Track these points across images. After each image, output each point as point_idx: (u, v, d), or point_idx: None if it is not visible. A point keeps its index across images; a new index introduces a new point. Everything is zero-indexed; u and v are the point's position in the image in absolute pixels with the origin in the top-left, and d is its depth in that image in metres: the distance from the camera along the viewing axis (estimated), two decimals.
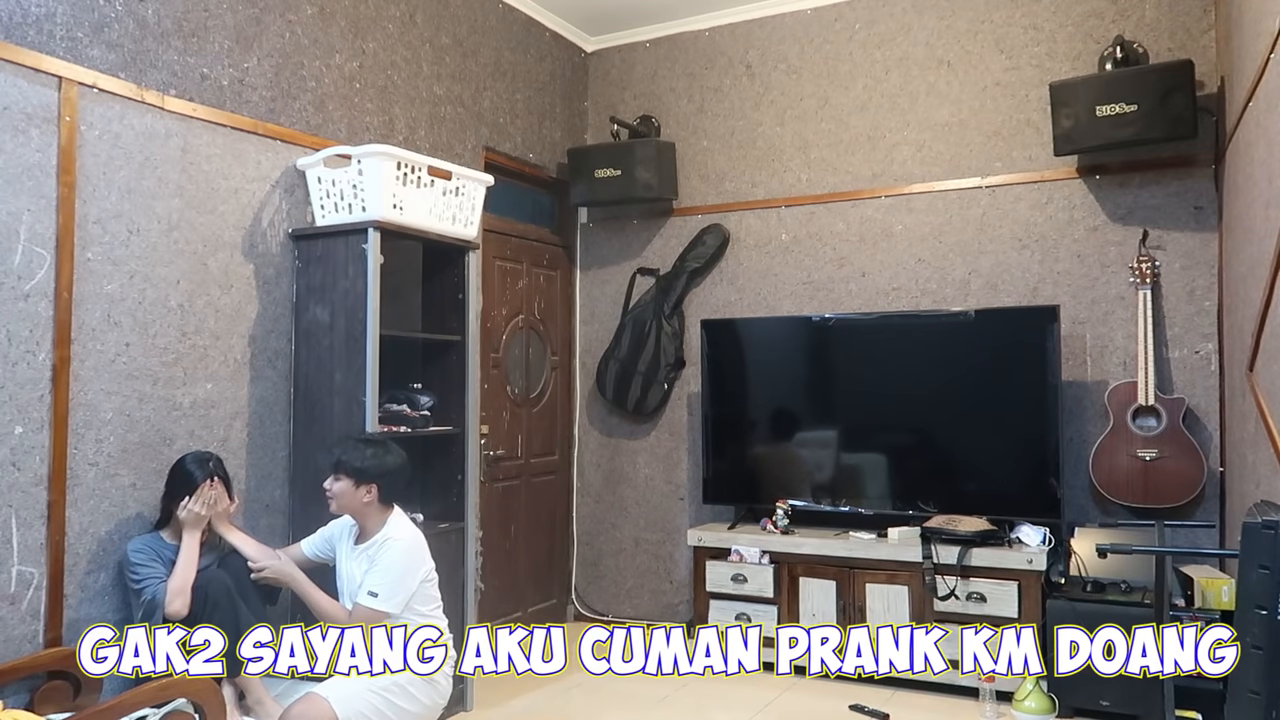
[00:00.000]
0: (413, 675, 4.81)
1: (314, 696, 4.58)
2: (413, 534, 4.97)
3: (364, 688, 4.69)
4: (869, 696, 6.40)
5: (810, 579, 6.91)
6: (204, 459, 4.94)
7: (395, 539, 4.86)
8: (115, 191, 4.89)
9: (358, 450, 4.90)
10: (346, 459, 4.88)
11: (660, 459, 8.29)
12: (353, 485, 4.87)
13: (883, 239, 7.56)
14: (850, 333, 7.30)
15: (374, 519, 4.95)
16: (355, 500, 4.89)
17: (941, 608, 6.48)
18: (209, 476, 4.89)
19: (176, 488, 4.86)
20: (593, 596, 8.54)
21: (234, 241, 5.45)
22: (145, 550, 4.76)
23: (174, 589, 4.62)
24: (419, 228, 5.74)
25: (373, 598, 4.74)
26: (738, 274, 8.04)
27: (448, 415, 6.14)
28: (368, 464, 4.86)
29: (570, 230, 8.67)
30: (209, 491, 4.85)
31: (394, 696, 4.74)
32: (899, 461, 7.14)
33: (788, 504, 7.24)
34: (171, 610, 4.58)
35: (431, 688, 4.90)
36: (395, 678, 4.77)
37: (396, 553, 4.83)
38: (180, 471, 4.90)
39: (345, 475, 4.87)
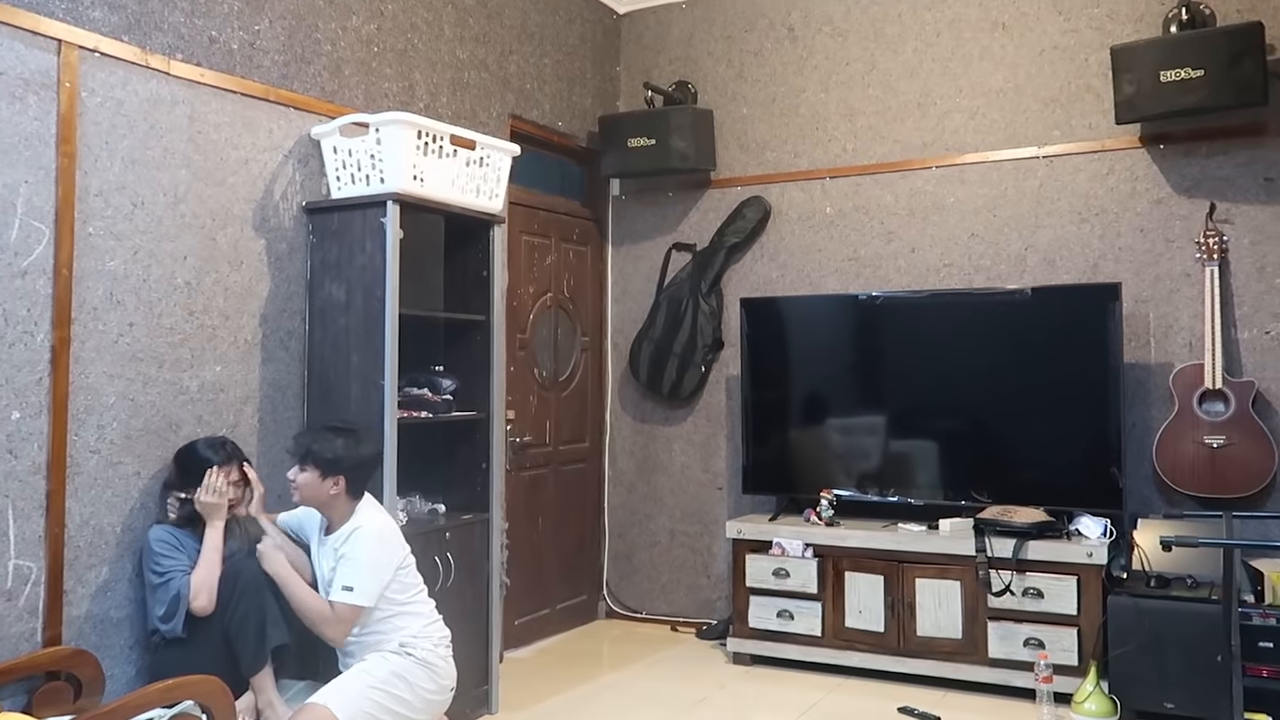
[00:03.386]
0: (409, 664, 4.80)
1: (313, 707, 4.55)
2: (381, 522, 4.93)
3: (364, 685, 4.68)
4: (920, 698, 6.40)
5: (856, 574, 6.90)
6: (220, 441, 4.96)
7: (363, 528, 4.83)
8: (118, 162, 4.84)
9: (328, 440, 4.87)
10: (317, 449, 4.84)
11: (697, 446, 8.28)
12: (319, 477, 4.84)
13: (933, 212, 7.56)
14: (899, 312, 7.28)
15: (341, 511, 4.91)
16: (321, 492, 4.86)
17: (996, 604, 6.47)
18: (230, 459, 4.89)
19: (194, 475, 4.85)
20: (625, 592, 8.55)
21: (244, 215, 5.42)
22: (169, 539, 4.75)
23: (198, 582, 4.63)
24: (441, 200, 5.72)
25: (348, 593, 4.72)
26: (779, 249, 8.03)
27: (471, 400, 6.11)
28: (339, 454, 4.84)
29: (601, 203, 8.67)
30: (217, 479, 4.82)
31: (395, 689, 4.73)
32: (950, 449, 7.13)
33: (832, 494, 7.23)
34: (197, 606, 4.60)
35: (432, 671, 4.87)
36: (393, 668, 4.76)
37: (366, 543, 4.79)
38: (194, 456, 4.88)
39: (312, 466, 4.84)
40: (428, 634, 4.91)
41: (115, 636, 4.77)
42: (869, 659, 6.82)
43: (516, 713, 6.17)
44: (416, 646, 4.84)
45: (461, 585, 5.83)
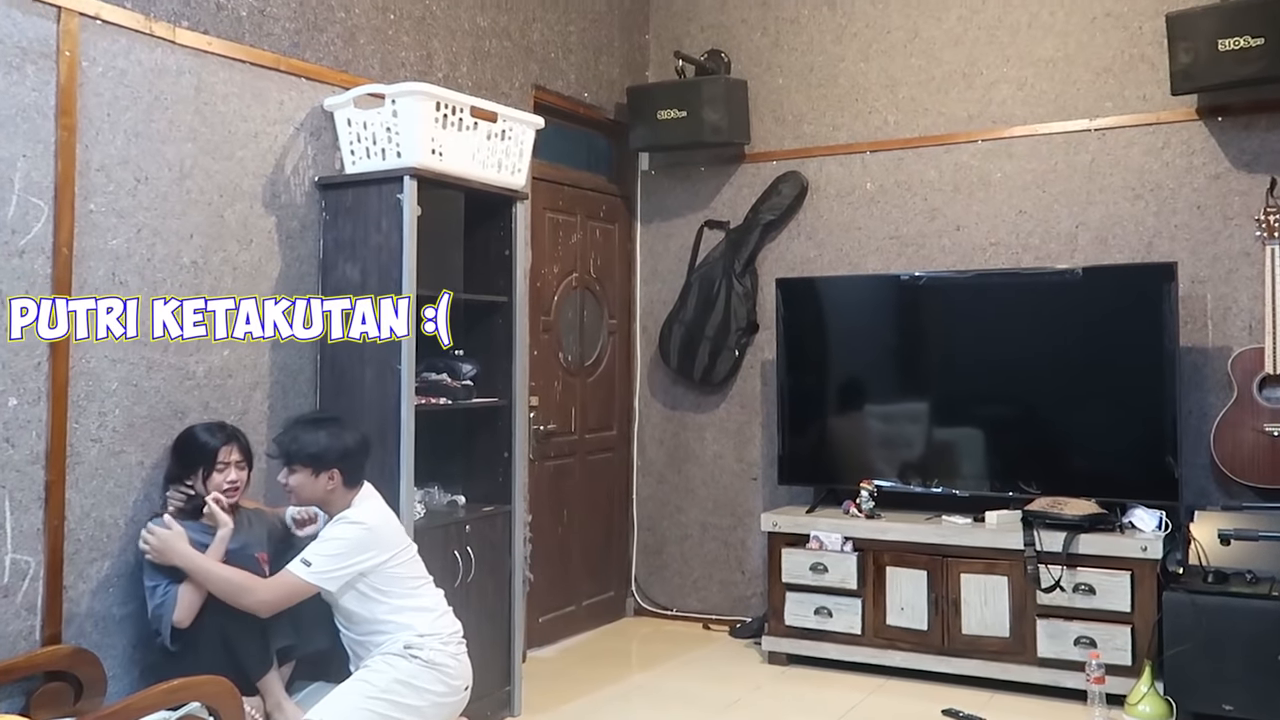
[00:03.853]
0: (414, 667, 4.74)
1: None
2: (376, 515, 4.85)
3: (364, 696, 4.63)
4: (965, 700, 6.37)
5: (898, 569, 6.88)
6: (218, 424, 4.91)
7: (349, 517, 4.77)
8: (121, 135, 4.82)
9: (309, 434, 4.82)
10: (298, 447, 4.79)
11: (730, 434, 8.25)
12: (311, 475, 4.78)
13: (979, 188, 7.53)
14: (943, 293, 7.27)
15: (340, 504, 4.85)
16: (317, 490, 4.81)
17: (1045, 600, 6.42)
18: (230, 440, 4.83)
19: (192, 462, 4.80)
20: (655, 588, 8.53)
21: (254, 191, 5.40)
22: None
23: (182, 596, 4.54)
24: (460, 176, 5.69)
25: (304, 566, 4.62)
26: (817, 227, 7.99)
27: (492, 385, 6.11)
28: (323, 447, 4.78)
29: (630, 178, 8.66)
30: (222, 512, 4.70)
31: (399, 697, 4.67)
32: (997, 437, 7.10)
33: (873, 485, 7.18)
34: (176, 619, 4.53)
35: (440, 673, 4.80)
36: (397, 674, 4.70)
37: (344, 528, 4.73)
38: (192, 441, 4.84)
39: (300, 465, 4.79)
40: (436, 630, 4.84)
41: (117, 635, 4.74)
42: (911, 659, 6.79)
43: (540, 715, 6.16)
44: (423, 647, 4.77)
45: (482, 581, 5.82)
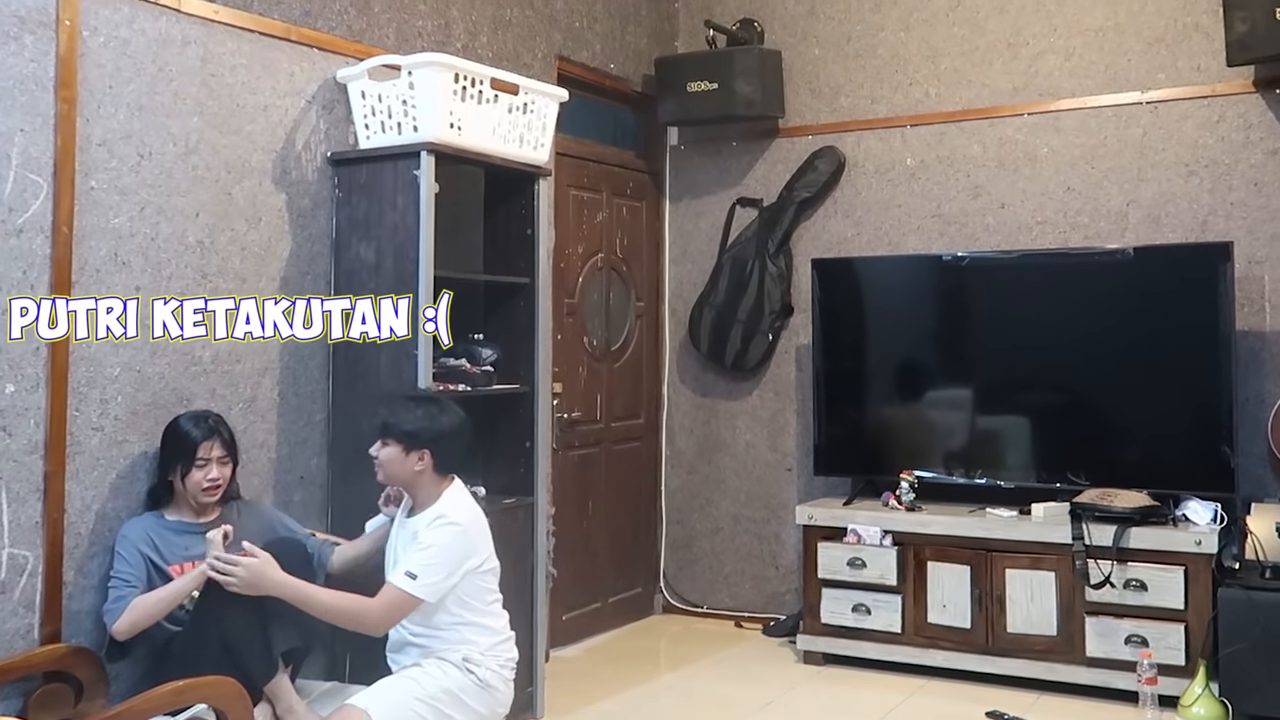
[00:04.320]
0: (467, 682, 4.75)
1: (351, 710, 4.50)
2: (470, 514, 4.89)
3: (411, 697, 4.62)
4: (1010, 701, 6.35)
5: (940, 564, 6.88)
6: (203, 415, 4.88)
7: (447, 517, 4.78)
8: (123, 108, 4.81)
9: (407, 410, 4.85)
10: (394, 421, 4.81)
11: (764, 423, 8.25)
12: (402, 451, 4.78)
13: (1025, 164, 7.52)
14: (987, 274, 7.27)
15: (427, 490, 4.86)
16: (405, 469, 4.80)
17: (1094, 597, 6.42)
18: (210, 434, 4.78)
19: (171, 456, 4.78)
20: (684, 585, 8.53)
21: (263, 167, 5.40)
22: (129, 538, 4.62)
23: (135, 607, 4.45)
24: (480, 151, 5.68)
25: (409, 579, 4.62)
26: (855, 205, 7.99)
27: (514, 371, 6.11)
28: (418, 426, 4.79)
29: (658, 154, 8.66)
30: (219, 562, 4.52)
31: (445, 706, 4.68)
32: (1044, 426, 7.12)
33: (913, 476, 7.18)
34: (117, 628, 4.44)
35: (489, 696, 4.83)
36: (449, 684, 4.71)
37: (446, 533, 4.74)
38: (176, 434, 4.81)
39: (393, 440, 4.80)
40: (496, 653, 4.86)
41: None
42: (954, 658, 6.79)
43: (563, 717, 6.17)
44: (481, 665, 4.78)
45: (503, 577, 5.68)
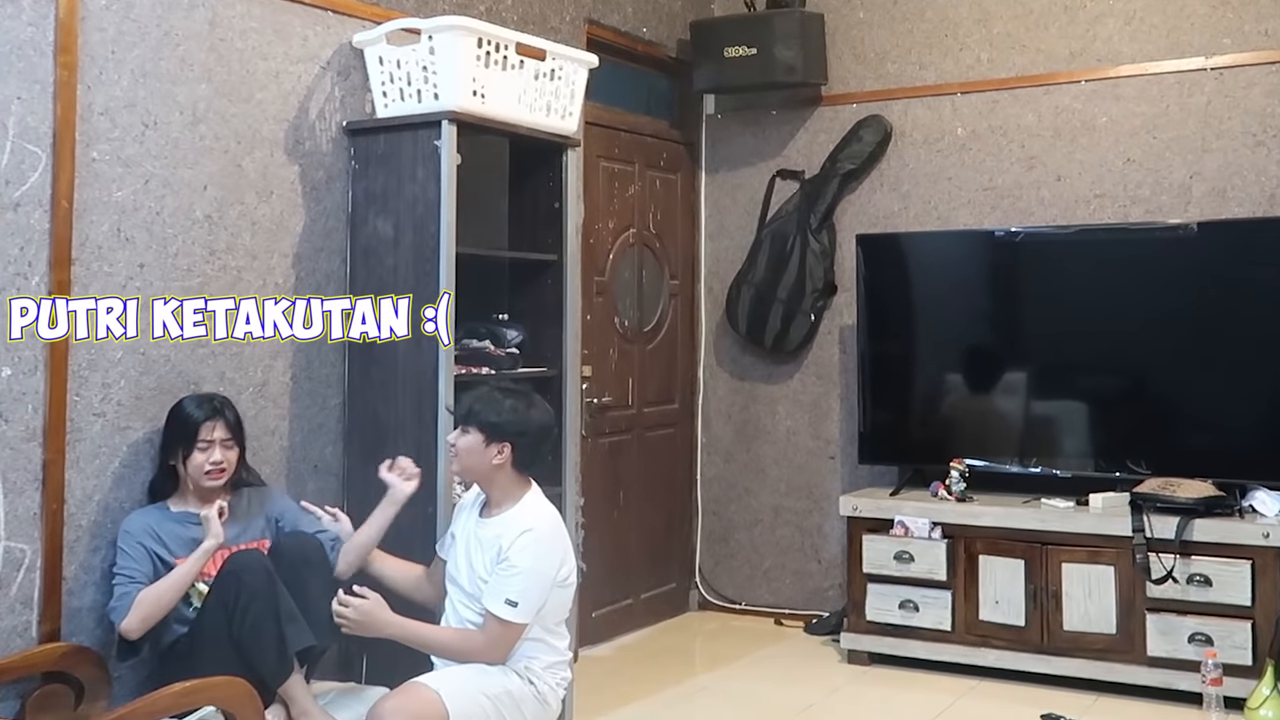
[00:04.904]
0: (526, 691, 4.78)
1: (419, 687, 4.54)
2: (553, 523, 4.91)
3: (476, 689, 4.64)
4: (1066, 704, 6.34)
5: (992, 557, 6.87)
6: (207, 396, 4.85)
7: (534, 531, 4.79)
8: (126, 75, 4.79)
9: (494, 400, 4.87)
10: (479, 409, 4.83)
11: (805, 408, 8.26)
12: (483, 442, 4.80)
13: (1082, 134, 7.51)
14: (1042, 251, 7.32)
15: (504, 488, 4.89)
16: (483, 460, 4.82)
17: (1156, 593, 6.40)
18: (214, 415, 4.75)
19: (172, 439, 4.75)
20: (721, 580, 8.55)
21: (274, 137, 5.39)
22: (133, 533, 4.59)
23: (142, 600, 4.43)
24: (505, 120, 5.65)
25: (511, 608, 4.66)
26: (902, 177, 8.00)
27: (540, 354, 6.09)
28: (505, 418, 4.81)
29: (693, 123, 8.67)
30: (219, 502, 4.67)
31: (504, 707, 4.69)
32: (1103, 411, 7.16)
33: (964, 464, 7.16)
34: (125, 626, 4.42)
35: (543, 710, 4.87)
36: (511, 687, 4.74)
37: (537, 552, 4.76)
38: (178, 416, 4.78)
39: (475, 428, 4.82)
40: (554, 671, 4.91)
41: None
42: (1007, 658, 6.79)
43: (593, 719, 6.18)
44: (541, 678, 4.83)
45: None
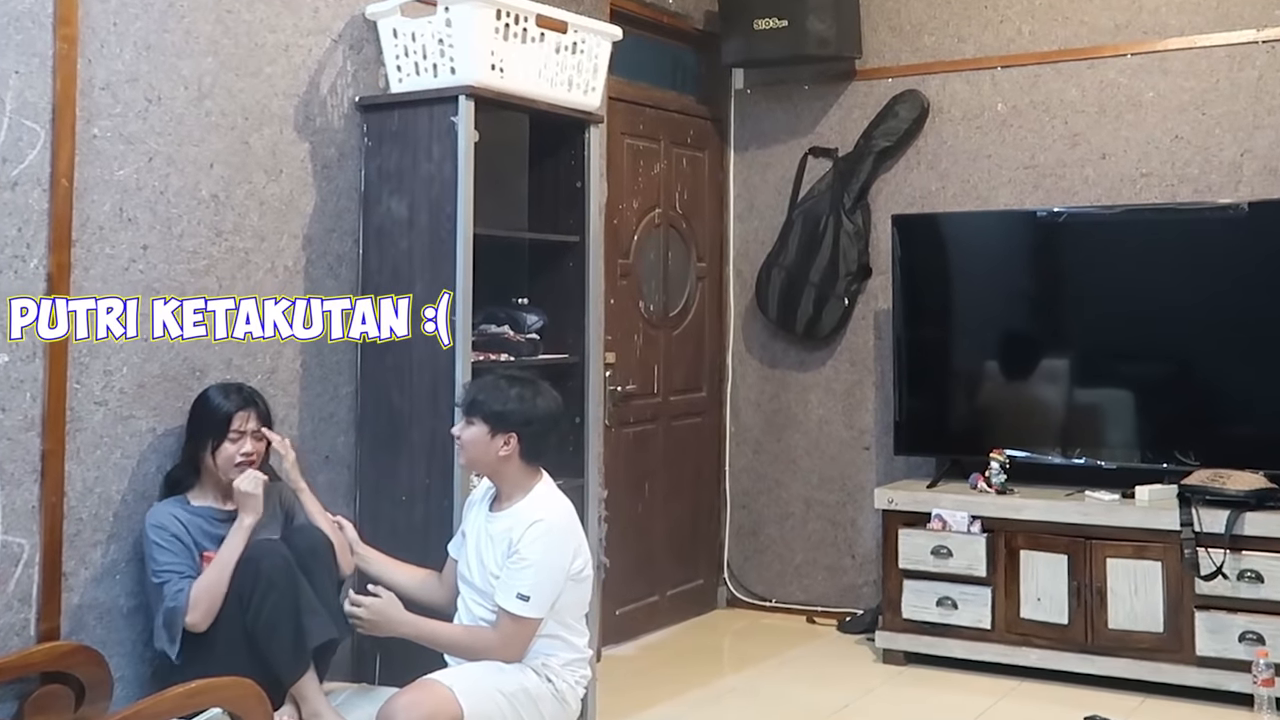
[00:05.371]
0: (544, 689, 4.77)
1: (433, 683, 4.53)
2: (564, 514, 4.91)
3: (492, 686, 4.63)
4: (1111, 705, 6.32)
5: (1034, 552, 6.87)
6: (234, 386, 4.85)
7: (544, 522, 4.77)
8: (129, 48, 4.75)
9: (498, 389, 4.84)
10: (483, 399, 4.81)
11: (839, 397, 8.27)
12: (487, 433, 4.78)
13: (1128, 110, 7.50)
14: (1086, 232, 7.32)
15: (514, 481, 4.87)
16: (489, 452, 4.80)
17: (1205, 590, 6.40)
18: (246, 404, 4.76)
19: (200, 429, 4.75)
20: (750, 576, 8.56)
21: (284, 113, 5.35)
22: (166, 527, 4.61)
23: (198, 593, 4.48)
24: (525, 95, 5.63)
25: (523, 602, 4.67)
26: (940, 155, 7.99)
27: (562, 339, 6.07)
28: (510, 407, 4.79)
29: (722, 99, 8.68)
30: (254, 471, 4.70)
31: (521, 706, 4.68)
32: (1149, 399, 7.16)
33: (1004, 455, 7.14)
34: (191, 621, 4.46)
35: (562, 709, 4.85)
36: (527, 684, 4.73)
37: (547, 544, 4.75)
38: (206, 407, 4.77)
39: (479, 419, 4.79)
40: (572, 669, 4.90)
41: (125, 629, 4.70)
42: (1049, 657, 6.79)
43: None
44: (560, 676, 4.83)
45: None
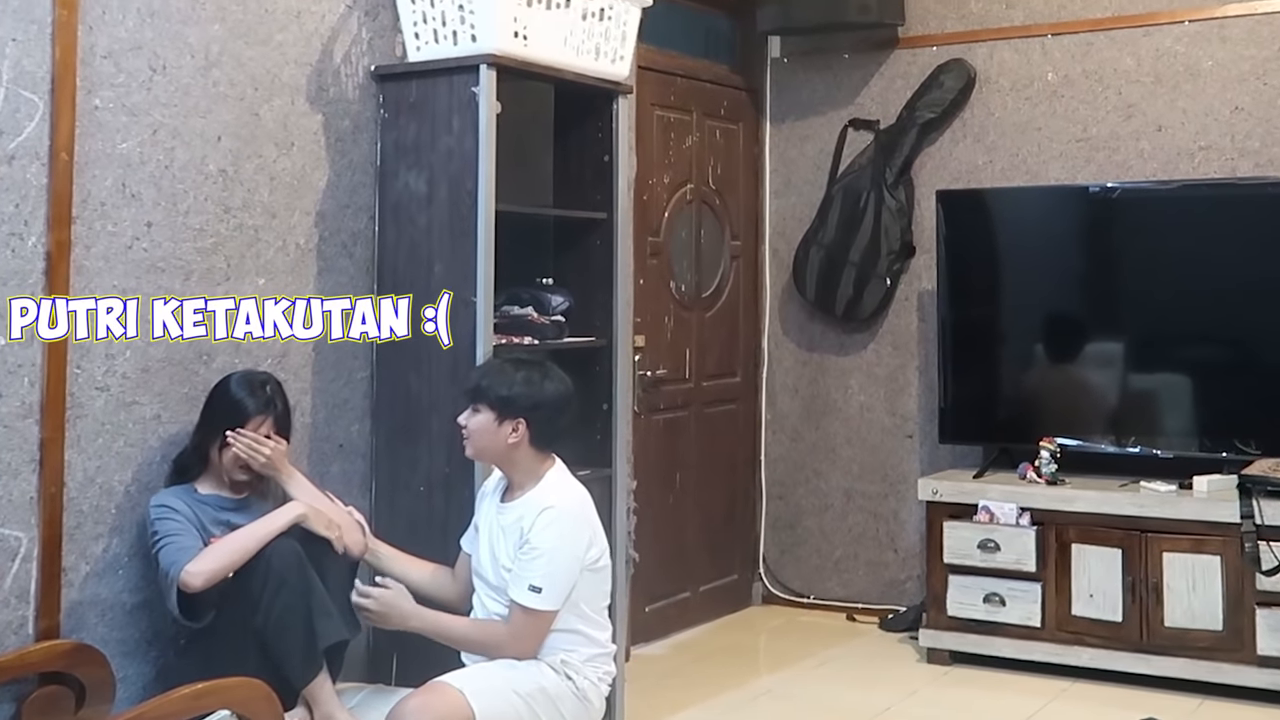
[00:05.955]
0: (564, 688, 4.74)
1: (443, 687, 4.50)
2: (578, 501, 4.88)
3: (507, 687, 4.59)
4: (1168, 707, 6.32)
5: (1086, 546, 6.84)
6: (259, 381, 4.80)
7: (555, 509, 4.75)
8: (132, 14, 4.72)
9: (504, 373, 4.80)
10: (488, 384, 4.77)
11: (880, 382, 8.26)
12: (494, 420, 4.74)
13: (1185, 80, 7.47)
14: (1141, 208, 7.33)
15: (524, 469, 4.84)
16: (497, 440, 4.76)
17: (1267, 585, 6.36)
18: (265, 408, 4.72)
19: (214, 420, 4.71)
20: (788, 571, 8.55)
21: (296, 83, 5.34)
22: (173, 507, 4.58)
23: (203, 561, 4.41)
24: (549, 64, 5.59)
25: (534, 594, 4.64)
26: (987, 128, 7.96)
27: (589, 322, 6.05)
28: (517, 391, 4.74)
29: (757, 68, 8.67)
30: (244, 439, 4.68)
31: (539, 707, 4.65)
32: (1208, 385, 7.14)
33: (1055, 444, 7.12)
34: (192, 571, 4.36)
35: (584, 708, 4.82)
36: (545, 684, 4.69)
37: (559, 532, 4.71)
38: (224, 399, 4.73)
39: (485, 406, 4.75)
40: (595, 664, 4.87)
41: (128, 627, 4.69)
42: (1102, 656, 6.76)
43: None
44: (580, 674, 4.79)
45: None
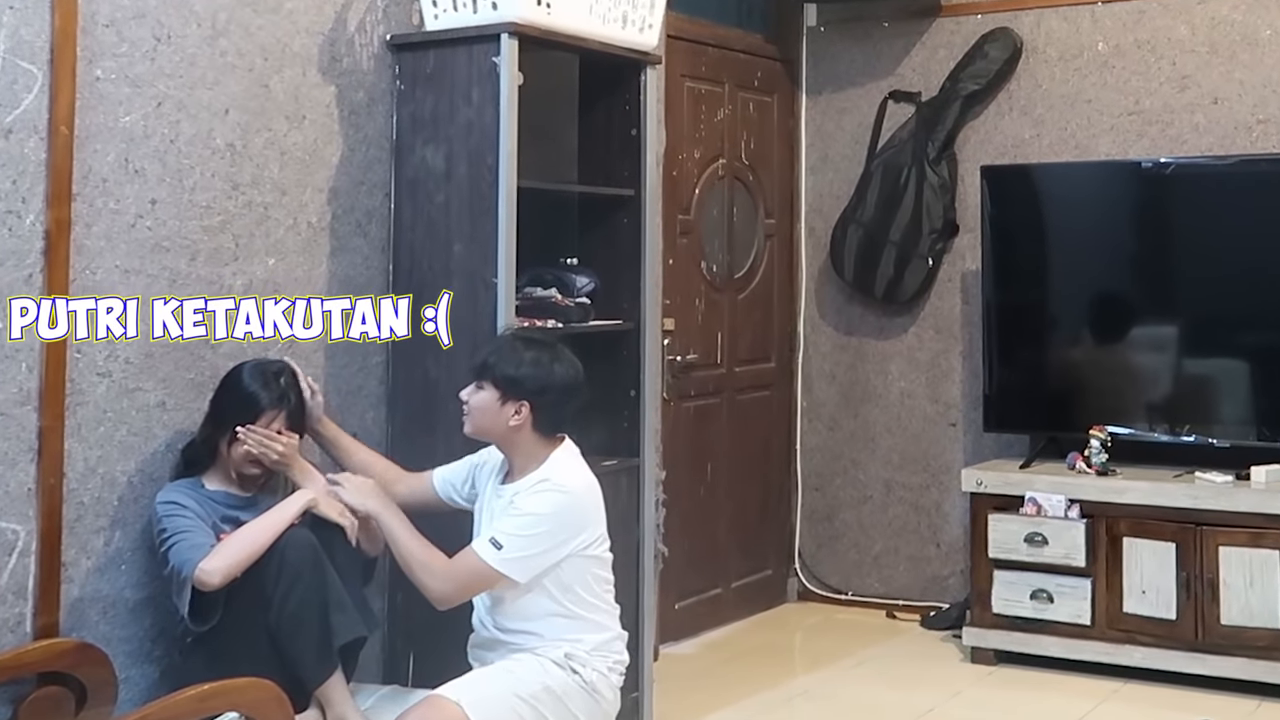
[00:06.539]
0: (570, 684, 4.69)
1: (439, 700, 4.45)
2: (582, 482, 4.81)
3: (509, 692, 4.55)
4: (1224, 709, 6.36)
5: (1138, 540, 6.81)
6: (273, 372, 4.77)
7: (552, 481, 4.70)
8: None
9: (513, 352, 4.75)
10: (495, 361, 4.72)
11: (922, 368, 8.27)
12: (497, 399, 4.69)
13: (1243, 49, 7.45)
14: (1196, 184, 7.34)
15: (526, 453, 4.78)
16: (498, 420, 4.71)
17: None
18: (279, 402, 4.69)
19: (224, 411, 4.69)
20: (824, 566, 8.57)
21: (307, 53, 5.31)
22: (180, 503, 4.56)
23: (218, 558, 4.38)
24: (574, 33, 5.55)
25: (493, 548, 4.56)
26: (1034, 100, 7.95)
27: (615, 304, 6.03)
28: (524, 372, 4.69)
29: (793, 37, 8.67)
30: (256, 436, 4.64)
31: (545, 708, 4.60)
32: (1266, 370, 7.11)
33: (1106, 432, 7.10)
34: (205, 582, 4.34)
35: (594, 702, 4.76)
36: (550, 682, 4.64)
37: (549, 501, 4.66)
38: (236, 391, 4.71)
39: (489, 384, 4.71)
40: (603, 654, 4.81)
41: (131, 625, 4.67)
42: (1155, 656, 6.73)
43: None
44: (586, 665, 4.73)
45: None
